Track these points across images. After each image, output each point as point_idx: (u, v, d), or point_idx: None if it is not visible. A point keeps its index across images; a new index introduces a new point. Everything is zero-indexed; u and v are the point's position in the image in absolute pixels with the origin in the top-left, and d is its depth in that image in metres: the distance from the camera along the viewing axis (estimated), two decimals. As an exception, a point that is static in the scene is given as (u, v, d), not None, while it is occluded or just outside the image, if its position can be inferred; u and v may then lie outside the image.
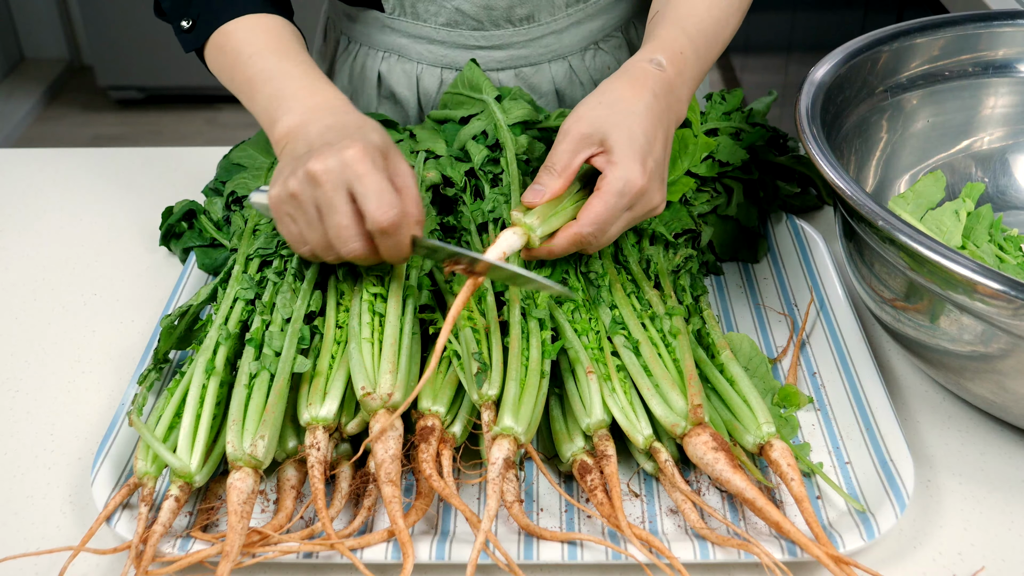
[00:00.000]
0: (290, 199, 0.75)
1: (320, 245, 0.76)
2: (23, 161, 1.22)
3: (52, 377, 0.88)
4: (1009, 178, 1.00)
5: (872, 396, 0.78)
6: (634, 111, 0.77)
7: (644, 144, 0.76)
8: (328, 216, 0.73)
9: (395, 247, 0.74)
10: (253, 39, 0.89)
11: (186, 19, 0.93)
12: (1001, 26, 0.97)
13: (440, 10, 1.09)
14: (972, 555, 0.70)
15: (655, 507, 0.73)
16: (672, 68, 0.82)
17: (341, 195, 0.72)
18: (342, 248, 0.74)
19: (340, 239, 0.74)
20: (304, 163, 0.73)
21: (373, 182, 0.72)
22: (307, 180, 0.73)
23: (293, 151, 0.78)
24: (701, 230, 0.94)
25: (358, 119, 0.80)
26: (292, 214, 0.76)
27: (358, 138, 0.74)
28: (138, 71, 3.57)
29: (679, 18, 0.87)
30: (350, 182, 0.72)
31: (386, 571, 0.68)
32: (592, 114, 0.77)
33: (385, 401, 0.71)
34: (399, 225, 0.72)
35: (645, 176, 0.76)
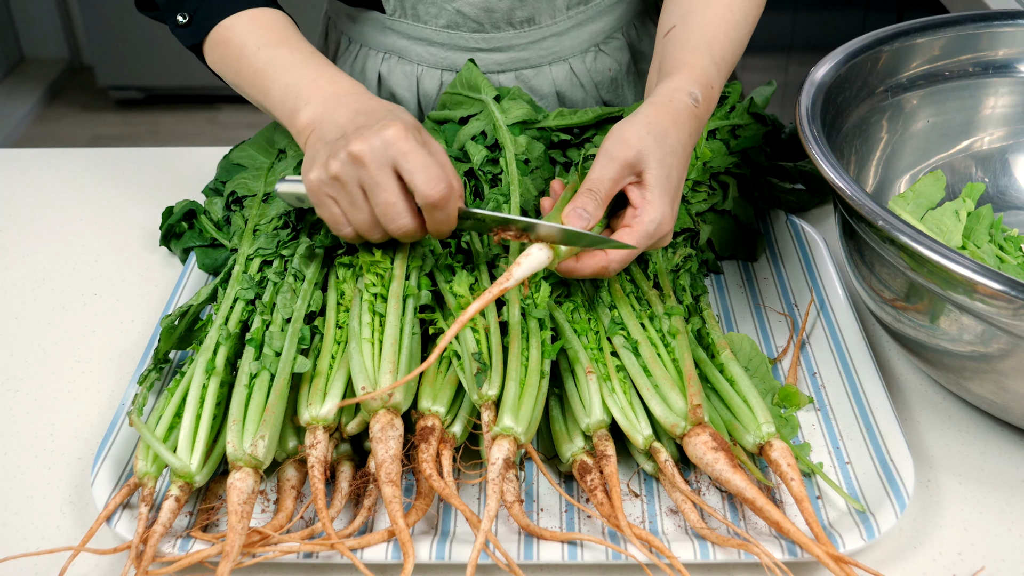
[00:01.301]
0: (332, 181, 0.75)
1: (365, 224, 0.76)
2: (23, 161, 1.22)
3: (52, 377, 0.88)
4: (1009, 178, 1.00)
5: (872, 396, 0.78)
6: (675, 150, 0.78)
7: (676, 184, 0.78)
8: (375, 194, 0.74)
9: (444, 220, 0.75)
10: (257, 32, 0.89)
11: (182, 14, 0.92)
12: (1001, 26, 0.97)
13: (441, 12, 1.09)
14: (972, 555, 0.70)
15: (655, 507, 0.73)
16: (704, 104, 0.83)
17: (387, 173, 0.73)
18: (390, 225, 0.75)
19: (388, 216, 0.75)
20: (345, 145, 0.74)
21: (419, 158, 0.73)
22: (350, 161, 0.74)
23: (323, 136, 0.78)
24: (699, 228, 0.94)
25: (383, 103, 0.81)
26: (334, 196, 0.76)
27: (393, 118, 0.75)
28: (138, 71, 3.57)
29: (705, 43, 0.87)
30: (395, 160, 0.73)
31: (386, 571, 0.68)
32: (640, 143, 0.77)
33: (385, 401, 0.71)
34: (448, 198, 0.74)
35: (673, 219, 0.78)
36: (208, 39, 0.91)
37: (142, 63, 3.52)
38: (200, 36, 0.92)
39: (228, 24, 0.90)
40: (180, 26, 0.93)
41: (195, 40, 0.92)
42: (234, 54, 0.89)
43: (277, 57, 0.87)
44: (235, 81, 0.91)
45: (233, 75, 0.91)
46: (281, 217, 0.92)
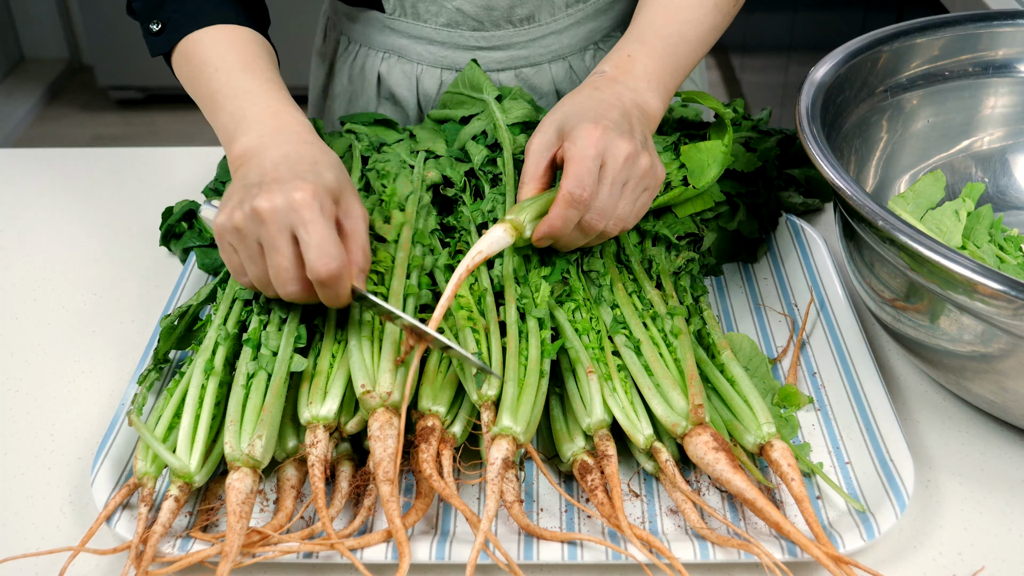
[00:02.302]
0: (234, 231, 0.74)
1: (259, 280, 0.75)
2: (23, 161, 1.22)
3: (52, 377, 0.88)
4: (1009, 178, 1.00)
5: (872, 396, 0.78)
6: (578, 101, 0.82)
7: (592, 111, 0.79)
8: (270, 255, 0.73)
9: (333, 297, 0.73)
10: (221, 52, 0.87)
11: (156, 22, 0.91)
12: (1001, 26, 0.97)
13: (440, 10, 1.09)
14: (972, 555, 0.70)
15: (655, 507, 0.73)
16: (615, 70, 0.86)
17: (284, 237, 0.72)
18: (280, 288, 0.74)
19: (279, 280, 0.73)
20: (252, 198, 0.72)
21: (316, 230, 0.71)
22: (253, 216, 0.72)
23: (245, 176, 0.76)
24: (704, 235, 0.94)
25: (316, 151, 0.78)
26: (235, 245, 0.75)
27: (311, 178, 0.73)
28: (138, 71, 3.57)
29: (636, 27, 0.91)
30: (295, 225, 0.71)
31: (386, 571, 0.68)
32: (544, 123, 0.82)
33: (384, 400, 0.71)
34: (338, 277, 0.72)
35: (599, 129, 0.77)
36: (176, 50, 0.90)
37: (142, 63, 3.52)
38: (168, 46, 0.91)
39: (197, 38, 0.88)
40: (152, 34, 0.92)
41: (163, 50, 0.91)
42: (194, 71, 0.88)
43: (232, 82, 0.85)
44: (194, 97, 0.90)
45: (192, 91, 0.90)
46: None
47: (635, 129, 0.80)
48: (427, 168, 0.96)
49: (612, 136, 0.77)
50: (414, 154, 0.99)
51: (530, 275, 0.82)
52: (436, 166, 0.96)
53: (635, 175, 0.79)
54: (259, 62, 0.88)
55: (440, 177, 0.95)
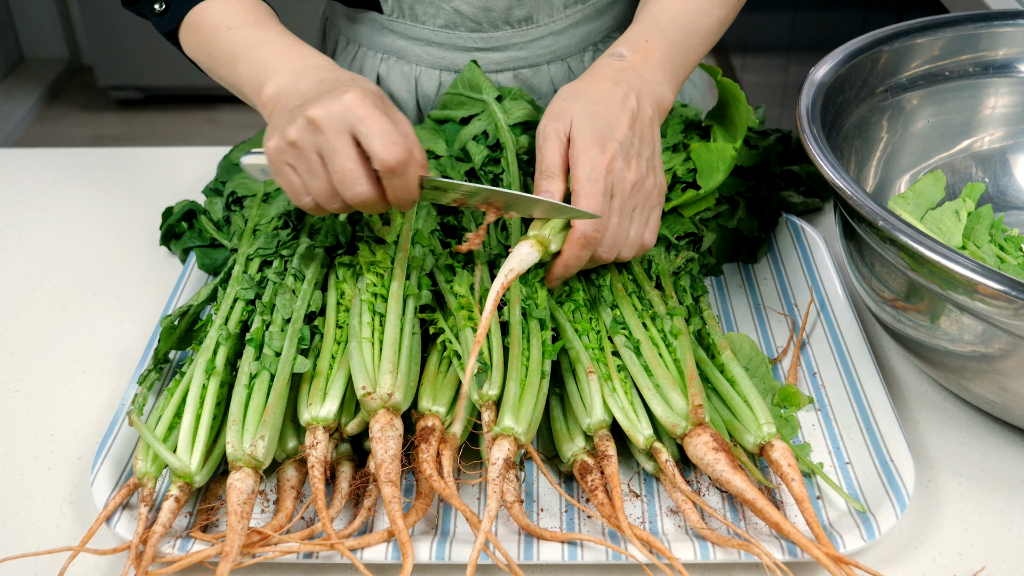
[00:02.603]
0: (290, 148, 0.73)
1: (324, 193, 0.74)
2: (23, 161, 1.22)
3: (52, 377, 0.88)
4: (1009, 178, 1.00)
5: (872, 396, 0.78)
6: (593, 98, 0.80)
7: (603, 127, 0.78)
8: (332, 160, 0.72)
9: (403, 187, 0.73)
10: (231, 14, 0.89)
11: (158, 2, 0.92)
12: (1001, 26, 0.97)
13: (439, 12, 1.09)
14: (972, 555, 0.70)
15: (655, 507, 0.73)
16: (634, 56, 0.84)
17: (344, 138, 0.71)
18: (347, 192, 0.72)
19: (345, 183, 0.72)
20: (303, 110, 0.72)
21: (376, 122, 0.71)
22: (307, 126, 0.72)
23: (285, 106, 0.77)
24: (703, 235, 0.94)
25: (350, 74, 0.80)
26: (292, 163, 0.74)
27: (354, 85, 0.74)
28: (138, 71, 3.57)
29: (649, 13, 0.90)
30: (352, 124, 0.71)
31: (386, 571, 0.68)
32: (560, 110, 0.80)
33: (385, 401, 0.71)
34: (407, 163, 0.71)
35: (606, 156, 0.77)
36: (183, 24, 0.91)
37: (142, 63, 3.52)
38: (175, 22, 0.91)
39: (202, 8, 0.90)
40: (156, 14, 0.93)
41: (170, 26, 0.92)
42: (207, 36, 0.89)
43: (249, 37, 0.86)
44: (208, 64, 0.90)
45: (206, 57, 0.90)
46: (281, 217, 0.92)
47: (644, 143, 0.79)
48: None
49: (619, 164, 0.77)
50: (414, 154, 0.99)
51: (530, 276, 0.82)
52: (436, 166, 0.96)
53: (642, 199, 0.79)
54: (269, 19, 0.89)
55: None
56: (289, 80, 0.80)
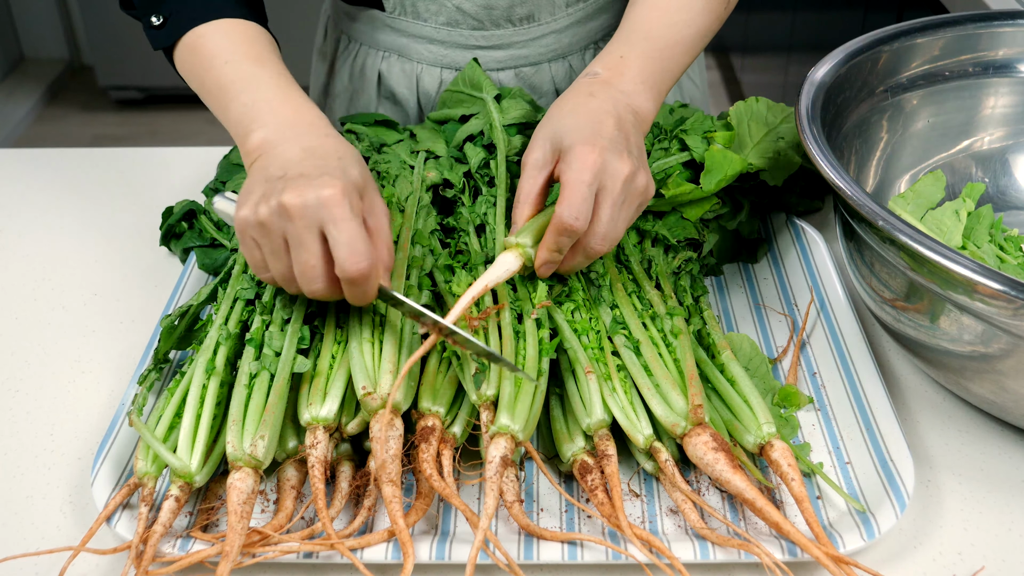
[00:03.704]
0: (258, 226, 0.72)
1: (283, 277, 0.74)
2: (23, 161, 1.22)
3: (52, 377, 0.88)
4: (1009, 178, 1.00)
5: (872, 396, 0.78)
6: (570, 109, 0.80)
7: (587, 128, 0.77)
8: (296, 252, 0.71)
9: (361, 295, 0.72)
10: (229, 44, 0.86)
11: (157, 15, 0.90)
12: (1001, 26, 0.97)
13: (441, 9, 1.09)
14: (972, 555, 0.70)
15: (655, 507, 0.73)
16: (608, 72, 0.84)
17: (313, 234, 0.70)
18: (305, 286, 0.73)
19: (305, 277, 0.72)
20: (279, 193, 0.71)
21: (347, 229, 0.70)
22: (280, 211, 0.70)
23: (265, 169, 0.75)
24: (705, 240, 0.94)
25: (337, 145, 0.78)
26: (258, 240, 0.73)
27: (338, 174, 0.72)
28: (138, 71, 3.57)
29: (627, 28, 0.90)
30: (324, 223, 0.70)
31: (386, 571, 0.68)
32: (539, 138, 0.80)
33: (386, 401, 0.71)
34: (367, 277, 0.71)
35: (596, 151, 0.75)
36: (180, 43, 0.89)
37: (142, 63, 3.52)
38: (172, 39, 0.89)
39: (202, 32, 0.87)
40: (153, 27, 0.90)
41: (166, 43, 0.90)
42: (202, 64, 0.87)
43: (243, 74, 0.84)
44: (200, 92, 0.88)
45: (198, 85, 0.88)
46: (281, 217, 0.92)
47: (631, 143, 0.79)
48: (427, 169, 0.96)
49: (609, 157, 0.76)
50: (414, 154, 0.99)
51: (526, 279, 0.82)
52: (436, 167, 0.96)
53: (632, 194, 0.78)
54: (269, 56, 0.87)
55: (440, 178, 0.95)
56: (276, 136, 0.78)
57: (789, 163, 0.97)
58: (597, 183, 0.75)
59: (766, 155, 0.97)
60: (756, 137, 0.98)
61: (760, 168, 0.96)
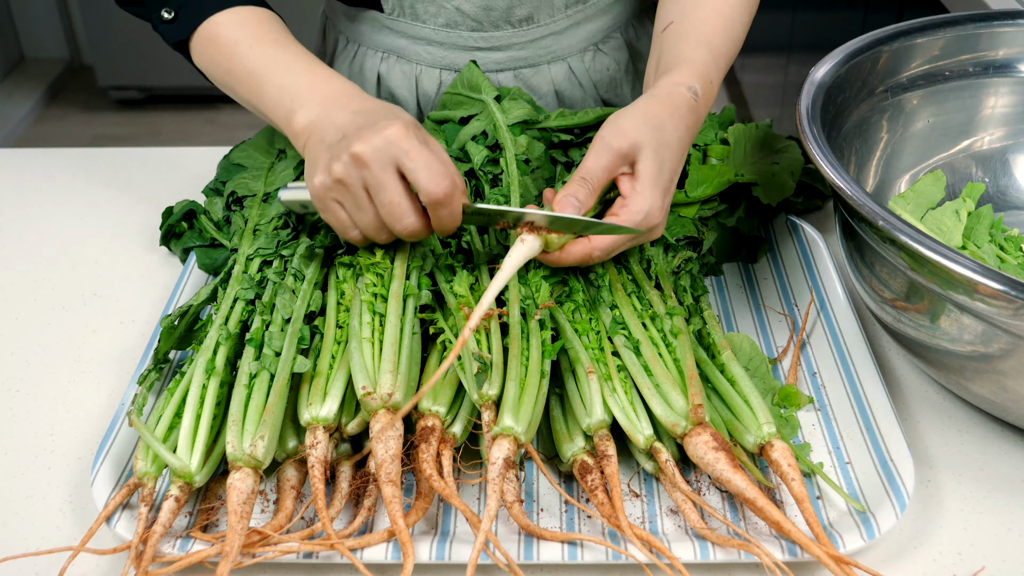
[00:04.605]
0: (336, 185, 0.75)
1: (372, 226, 0.76)
2: (23, 161, 1.22)
3: (52, 377, 0.88)
4: (1010, 178, 1.00)
5: (872, 396, 0.78)
6: (670, 143, 0.78)
7: (668, 178, 0.78)
8: (379, 195, 0.74)
9: (449, 217, 0.75)
10: (248, 30, 0.88)
11: (167, 9, 0.90)
12: (1001, 26, 0.97)
13: (440, 11, 1.09)
14: (972, 555, 0.70)
15: (655, 507, 0.73)
16: (704, 98, 0.83)
17: (390, 173, 0.73)
18: (396, 225, 0.75)
19: (394, 216, 0.74)
20: (347, 147, 0.73)
21: (421, 155, 0.72)
22: (353, 163, 0.73)
23: (323, 139, 0.77)
24: (704, 237, 0.94)
25: (380, 103, 0.80)
26: (339, 199, 0.76)
27: (393, 118, 0.75)
28: (138, 71, 3.57)
29: (703, 38, 0.87)
30: (398, 159, 0.73)
31: (386, 571, 0.68)
32: (635, 133, 0.77)
33: (385, 401, 0.71)
34: (452, 195, 0.73)
35: (662, 213, 0.77)
36: (195, 36, 0.90)
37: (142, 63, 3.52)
38: (187, 32, 0.90)
39: (216, 21, 0.88)
40: (165, 22, 0.91)
41: (181, 36, 0.91)
42: (225, 51, 0.88)
43: (270, 56, 0.85)
44: (225, 80, 0.89)
45: (223, 73, 0.89)
46: (281, 217, 0.92)
47: (672, 188, 0.80)
48: (427, 168, 0.96)
49: (659, 214, 0.77)
50: (414, 154, 0.99)
51: (530, 276, 0.82)
52: (436, 166, 0.96)
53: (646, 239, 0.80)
54: (286, 37, 0.89)
55: (440, 177, 0.95)
56: (321, 111, 0.80)
57: (783, 186, 0.97)
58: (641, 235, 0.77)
59: (761, 175, 0.97)
60: (752, 158, 0.99)
61: (752, 182, 0.96)
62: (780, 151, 1.01)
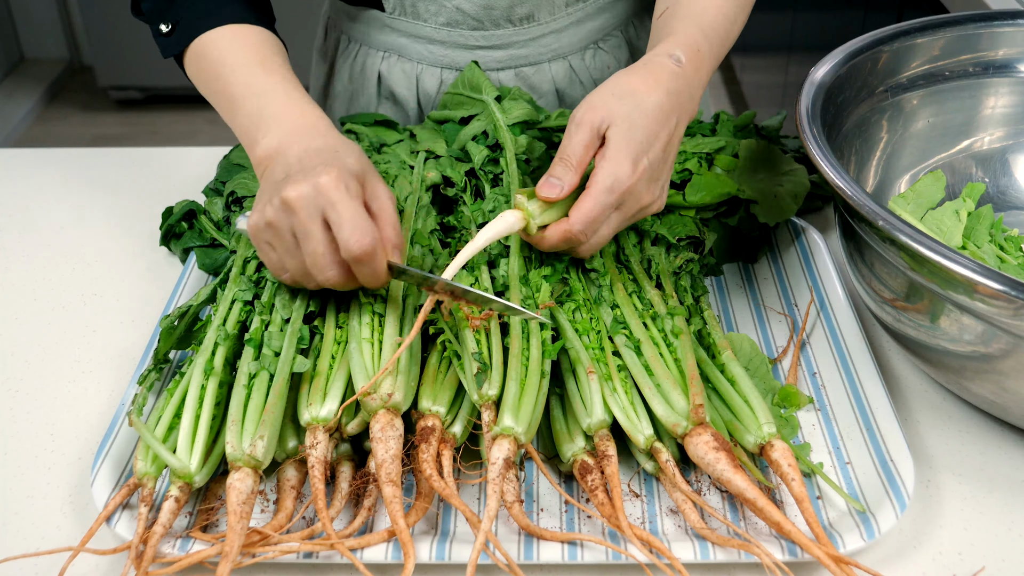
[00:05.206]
0: (267, 227, 0.74)
1: (299, 272, 0.75)
2: (23, 161, 1.22)
3: (52, 377, 0.88)
4: (1009, 178, 1.00)
5: (872, 396, 0.78)
6: (642, 106, 0.76)
7: (642, 142, 0.76)
8: (304, 243, 0.73)
9: (371, 274, 0.73)
10: (235, 50, 0.88)
11: (165, 23, 0.91)
12: (1001, 26, 0.97)
13: (440, 9, 1.09)
14: (972, 555, 0.70)
15: (655, 507, 0.73)
16: (690, 64, 0.81)
17: (316, 223, 0.72)
18: (318, 275, 0.74)
19: (316, 267, 0.73)
20: (280, 190, 0.73)
21: (346, 209, 0.71)
22: (282, 208, 0.73)
23: (272, 176, 0.77)
24: (705, 237, 0.94)
25: (337, 141, 0.79)
26: (271, 242, 0.75)
27: (333, 163, 0.74)
28: (138, 71, 3.57)
29: (694, 15, 0.86)
30: (324, 209, 0.72)
31: (386, 571, 0.68)
32: (603, 105, 0.76)
33: (385, 401, 0.71)
34: (373, 253, 0.72)
35: (635, 175, 0.75)
36: (188, 50, 0.90)
37: (142, 63, 3.52)
38: (180, 47, 0.91)
39: (210, 38, 0.89)
40: (162, 35, 0.92)
41: (175, 51, 0.92)
42: (209, 71, 0.88)
43: (249, 81, 0.85)
44: (208, 98, 0.90)
45: (206, 92, 0.90)
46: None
47: (667, 166, 0.79)
48: (427, 168, 0.96)
49: (641, 186, 0.76)
50: (414, 154, 0.99)
51: (531, 275, 0.82)
52: (436, 166, 0.96)
53: (637, 217, 0.79)
54: (274, 60, 0.88)
55: (440, 178, 0.95)
56: (279, 143, 0.79)
57: (783, 209, 0.97)
58: (619, 202, 0.76)
59: (763, 194, 0.97)
60: (758, 175, 0.99)
61: (752, 199, 0.96)
62: (787, 173, 0.99)
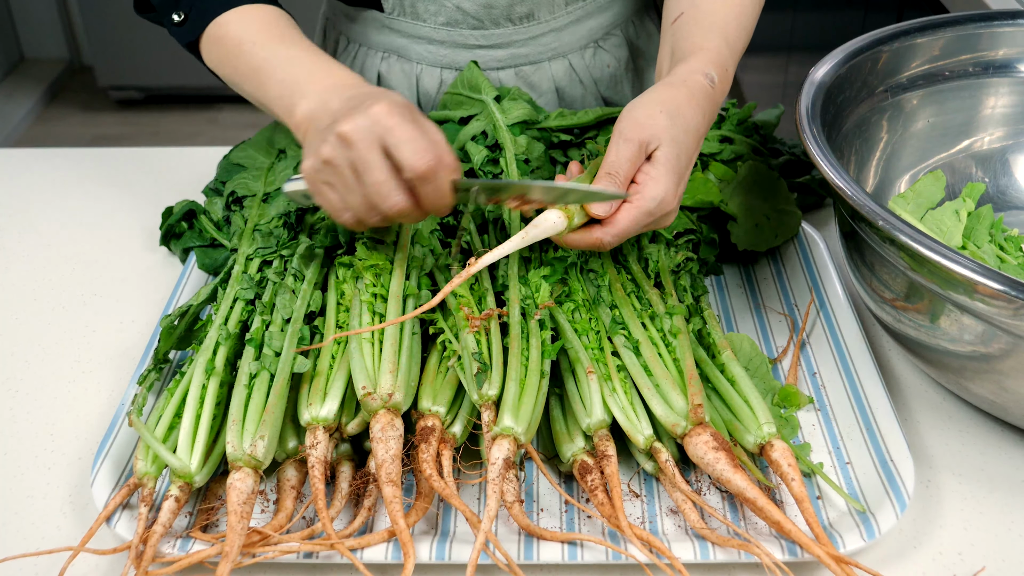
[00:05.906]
0: (324, 166, 0.74)
1: (362, 207, 0.75)
2: (23, 161, 1.22)
3: (52, 377, 0.88)
4: (1009, 178, 1.00)
5: (872, 396, 0.78)
6: (687, 129, 0.77)
7: (684, 166, 0.77)
8: (365, 174, 0.72)
9: (436, 193, 0.73)
10: (252, 28, 0.88)
11: (177, 12, 0.91)
12: (1001, 26, 0.97)
13: (440, 9, 1.09)
14: (972, 555, 0.70)
15: (655, 507, 0.73)
16: (720, 85, 0.82)
17: (375, 151, 0.72)
18: (382, 204, 0.73)
19: (380, 195, 0.73)
20: (333, 128, 0.73)
21: (404, 131, 0.71)
22: (339, 143, 0.72)
23: (317, 126, 0.77)
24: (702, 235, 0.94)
25: (378, 88, 0.80)
26: (329, 181, 0.75)
27: (382, 97, 0.74)
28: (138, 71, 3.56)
29: (718, 26, 0.87)
30: (381, 136, 0.72)
31: (386, 571, 0.68)
32: (652, 122, 0.76)
33: (386, 401, 0.71)
34: (436, 169, 0.72)
35: (676, 199, 0.77)
36: (204, 37, 0.91)
37: (142, 63, 3.51)
38: (195, 34, 0.91)
39: (223, 21, 0.89)
40: (176, 25, 0.92)
41: (191, 38, 0.92)
42: (231, 51, 0.88)
43: (274, 53, 0.86)
44: (233, 78, 0.90)
45: (231, 72, 0.90)
46: (281, 217, 0.92)
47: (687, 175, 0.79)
48: (427, 168, 0.96)
49: (673, 201, 0.76)
50: (414, 154, 0.99)
51: (530, 276, 0.82)
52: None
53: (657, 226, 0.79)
54: (291, 32, 0.89)
55: (440, 177, 0.95)
56: (318, 101, 0.80)
57: (761, 240, 0.97)
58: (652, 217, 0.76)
59: (749, 217, 0.96)
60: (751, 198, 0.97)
61: (732, 216, 0.95)
62: (782, 211, 0.98)
